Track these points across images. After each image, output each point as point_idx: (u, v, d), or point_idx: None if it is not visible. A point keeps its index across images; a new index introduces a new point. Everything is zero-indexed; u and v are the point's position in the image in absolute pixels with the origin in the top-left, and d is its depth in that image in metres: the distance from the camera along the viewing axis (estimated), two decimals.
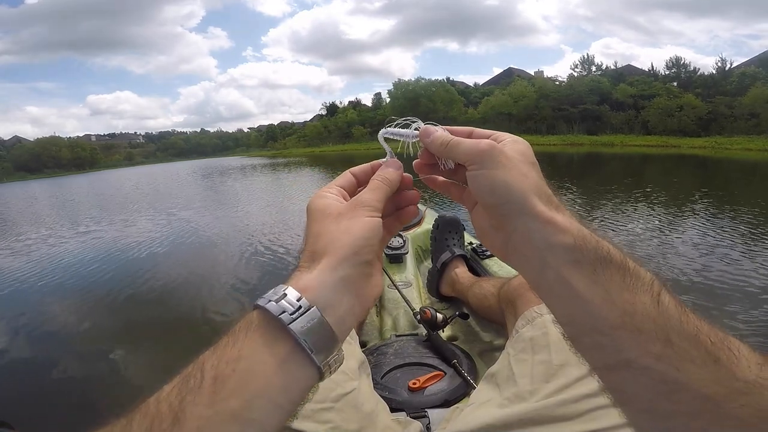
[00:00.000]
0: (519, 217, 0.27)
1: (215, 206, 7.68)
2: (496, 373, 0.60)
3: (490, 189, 0.28)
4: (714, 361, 0.21)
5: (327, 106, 43.44)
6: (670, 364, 0.21)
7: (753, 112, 18.66)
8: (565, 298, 0.25)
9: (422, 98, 30.58)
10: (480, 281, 1.01)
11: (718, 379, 0.20)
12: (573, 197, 5.96)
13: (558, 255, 0.25)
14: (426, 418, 0.66)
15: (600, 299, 0.23)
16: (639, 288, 0.23)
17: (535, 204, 0.27)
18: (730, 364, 0.20)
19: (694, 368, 0.21)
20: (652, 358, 0.21)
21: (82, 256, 4.40)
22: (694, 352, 0.21)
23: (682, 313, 0.23)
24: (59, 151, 42.89)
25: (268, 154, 36.64)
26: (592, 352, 0.24)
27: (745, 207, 4.76)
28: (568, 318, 0.26)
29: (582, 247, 0.25)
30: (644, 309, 0.22)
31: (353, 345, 0.76)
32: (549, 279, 0.26)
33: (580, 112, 24.30)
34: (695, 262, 2.94)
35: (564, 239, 0.25)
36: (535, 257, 0.26)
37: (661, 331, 0.22)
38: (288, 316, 0.25)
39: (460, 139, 0.31)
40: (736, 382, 0.20)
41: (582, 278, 0.24)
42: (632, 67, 34.05)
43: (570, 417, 0.46)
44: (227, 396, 0.22)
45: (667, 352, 0.21)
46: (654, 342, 0.22)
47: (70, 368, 2.09)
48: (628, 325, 0.22)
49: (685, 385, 0.20)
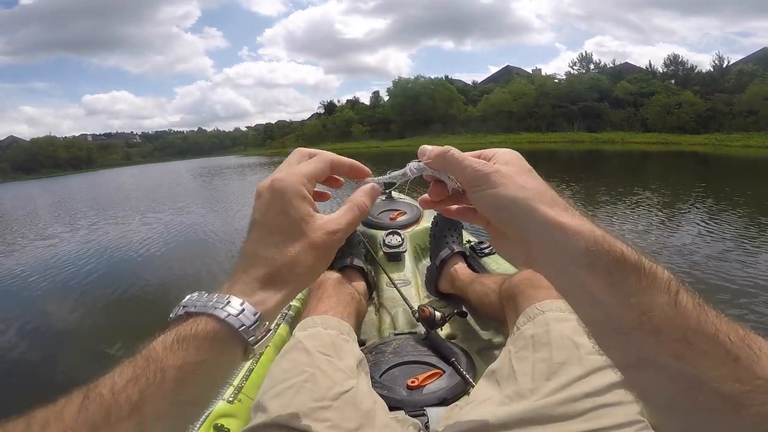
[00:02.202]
0: (529, 228, 0.27)
1: (215, 206, 7.67)
2: (496, 370, 0.59)
3: (495, 207, 0.29)
4: (734, 359, 0.21)
5: (325, 104, 43.44)
6: (688, 363, 0.21)
7: (751, 109, 18.70)
8: (584, 301, 0.26)
9: (422, 96, 30.55)
10: (480, 278, 1.00)
11: (738, 377, 0.20)
12: (576, 195, 5.96)
13: (572, 260, 0.26)
14: (425, 416, 0.65)
15: (617, 301, 0.24)
16: (656, 288, 0.23)
17: (542, 211, 0.27)
18: (750, 362, 0.20)
19: (712, 366, 0.21)
20: (670, 357, 0.22)
21: (82, 255, 4.39)
22: (713, 351, 0.21)
23: (700, 311, 0.23)
24: (55, 151, 42.74)
25: (267, 153, 36.61)
26: (614, 352, 0.25)
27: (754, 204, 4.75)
28: (588, 319, 0.26)
29: (595, 251, 0.25)
30: (661, 309, 0.23)
31: (351, 343, 0.76)
32: (568, 283, 0.27)
33: (580, 109, 24.32)
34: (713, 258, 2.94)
35: (576, 243, 0.25)
36: (553, 263, 0.27)
37: (678, 330, 0.22)
38: (247, 330, 0.29)
39: (456, 152, 0.31)
40: (756, 380, 0.20)
41: (598, 281, 0.24)
42: (630, 65, 34.02)
43: (571, 416, 0.45)
44: (187, 391, 0.27)
45: (685, 351, 0.22)
46: (672, 342, 0.22)
47: (69, 366, 2.09)
48: (646, 325, 0.23)
49: (704, 383, 0.21)
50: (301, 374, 0.61)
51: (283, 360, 0.70)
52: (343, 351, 0.70)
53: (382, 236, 1.37)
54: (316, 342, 0.70)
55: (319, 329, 0.75)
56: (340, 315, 0.83)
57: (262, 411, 0.58)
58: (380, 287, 1.22)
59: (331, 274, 0.99)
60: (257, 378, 0.76)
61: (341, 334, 0.76)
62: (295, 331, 0.78)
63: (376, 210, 1.63)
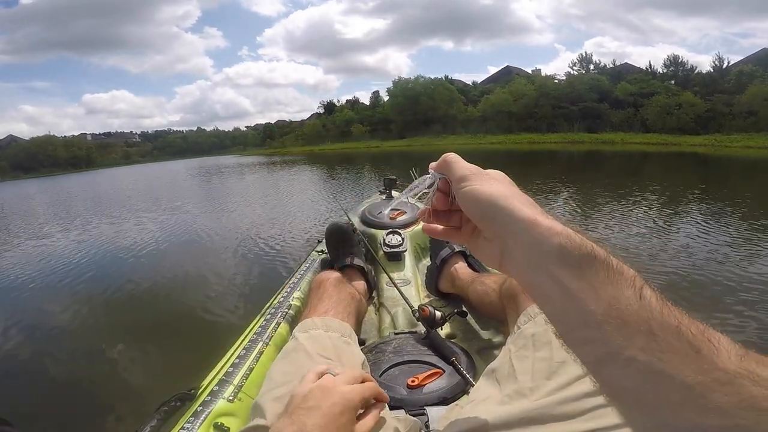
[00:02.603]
0: (507, 221, 0.29)
1: (213, 206, 7.67)
2: (496, 369, 0.60)
3: (476, 199, 0.31)
4: (696, 351, 0.21)
5: (325, 104, 43.36)
6: (653, 355, 0.22)
7: (751, 110, 18.68)
8: (555, 295, 0.26)
9: (422, 96, 30.52)
10: (481, 277, 1.01)
11: (701, 370, 0.20)
12: (576, 195, 5.97)
13: (546, 254, 0.27)
14: (425, 415, 0.65)
15: (586, 294, 0.25)
16: (622, 283, 0.25)
17: (519, 208, 0.29)
18: (711, 354, 0.21)
19: (677, 359, 0.21)
20: (636, 350, 0.22)
21: (82, 255, 4.39)
22: (677, 344, 0.22)
23: (663, 305, 0.23)
24: (55, 150, 42.57)
25: (266, 153, 36.56)
26: (583, 347, 0.26)
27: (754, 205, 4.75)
28: (558, 315, 0.27)
29: (568, 245, 0.26)
30: (627, 302, 0.24)
31: (353, 346, 0.76)
32: (540, 277, 0.27)
33: (580, 110, 24.30)
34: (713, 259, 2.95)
35: (550, 239, 0.27)
36: (526, 258, 0.28)
37: (644, 323, 0.23)
38: None
39: (454, 156, 0.35)
40: (717, 372, 0.20)
41: (569, 275, 0.26)
42: (629, 65, 33.95)
43: (571, 415, 0.45)
44: None
45: (651, 343, 0.22)
46: (637, 334, 0.23)
47: (69, 366, 2.09)
48: (614, 318, 0.23)
49: (669, 376, 0.21)
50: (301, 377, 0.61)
51: (283, 361, 0.70)
52: (344, 354, 0.70)
53: (383, 236, 1.37)
54: (317, 345, 0.70)
55: (320, 331, 0.75)
56: (340, 315, 0.83)
57: (260, 413, 0.58)
58: (380, 287, 1.22)
59: (332, 273, 0.99)
60: (257, 377, 0.76)
61: (342, 336, 0.76)
62: (295, 332, 0.78)
63: (377, 209, 1.63)
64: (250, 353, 0.82)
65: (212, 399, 0.70)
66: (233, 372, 0.77)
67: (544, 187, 6.46)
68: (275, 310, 1.00)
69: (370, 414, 0.49)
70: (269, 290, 1.26)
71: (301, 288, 1.12)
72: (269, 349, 0.85)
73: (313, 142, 36.86)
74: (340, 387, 0.47)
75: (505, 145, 21.83)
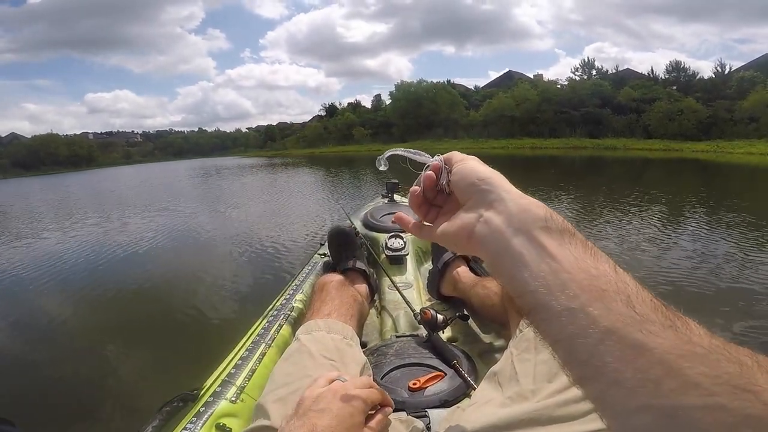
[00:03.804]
0: (497, 189, 0.31)
1: (213, 206, 7.68)
2: (498, 372, 0.60)
3: (473, 169, 0.34)
4: (671, 326, 0.21)
5: (326, 107, 43.41)
6: (633, 327, 0.21)
7: (753, 116, 18.67)
8: (534, 260, 0.26)
9: (424, 100, 30.54)
10: (483, 281, 1.01)
11: (678, 345, 0.20)
12: (577, 200, 5.97)
13: (531, 221, 0.28)
14: (426, 417, 0.66)
15: (567, 261, 0.25)
16: (599, 257, 0.26)
17: (507, 186, 0.32)
18: (685, 329, 0.21)
19: (655, 331, 0.21)
20: (617, 320, 0.22)
21: (82, 255, 4.40)
22: (653, 316, 0.22)
23: (637, 283, 0.24)
24: (56, 149, 42.56)
25: (267, 154, 36.57)
26: (561, 320, 0.24)
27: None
28: (533, 278, 0.26)
29: (552, 217, 0.28)
30: (605, 273, 0.24)
31: (355, 348, 0.77)
32: (519, 244, 0.28)
33: (582, 115, 24.28)
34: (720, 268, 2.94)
35: (536, 210, 0.29)
36: (507, 223, 0.29)
37: (622, 294, 0.23)
38: None
39: (458, 153, 0.38)
40: (693, 347, 0.20)
41: (551, 241, 0.27)
42: (631, 71, 33.95)
43: (572, 417, 0.45)
44: None
45: (631, 313, 0.22)
46: (617, 302, 0.23)
47: (72, 366, 2.09)
48: (594, 287, 0.24)
49: (649, 350, 0.20)
50: (304, 378, 0.62)
51: (286, 363, 0.70)
52: (346, 356, 0.71)
53: (385, 239, 1.38)
54: (320, 346, 0.71)
55: (323, 333, 0.75)
56: (342, 318, 0.83)
57: (263, 414, 0.58)
58: (382, 290, 1.22)
59: (334, 276, 1.00)
60: (260, 378, 0.77)
61: (345, 338, 0.76)
62: (298, 333, 0.78)
63: (379, 213, 1.64)
64: (252, 354, 0.83)
65: (215, 400, 0.70)
66: (236, 373, 0.77)
67: (549, 194, 6.46)
68: (278, 312, 1.00)
69: (376, 417, 0.50)
70: (272, 292, 1.27)
71: (304, 290, 1.13)
72: (272, 351, 0.85)
73: (314, 144, 36.90)
74: (351, 391, 0.48)
75: (507, 150, 21.82)
